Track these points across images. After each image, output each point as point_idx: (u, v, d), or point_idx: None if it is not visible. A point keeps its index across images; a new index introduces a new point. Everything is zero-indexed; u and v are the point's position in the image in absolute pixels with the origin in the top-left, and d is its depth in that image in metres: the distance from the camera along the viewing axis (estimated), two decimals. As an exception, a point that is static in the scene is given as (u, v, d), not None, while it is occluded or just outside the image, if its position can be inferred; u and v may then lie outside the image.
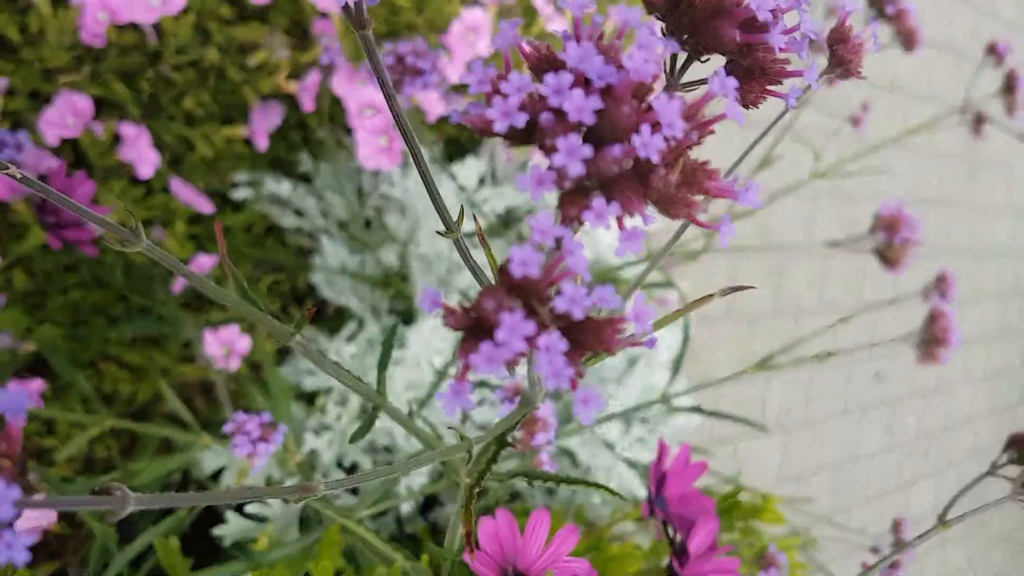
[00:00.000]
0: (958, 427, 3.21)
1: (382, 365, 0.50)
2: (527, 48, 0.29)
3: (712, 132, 0.27)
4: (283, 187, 1.09)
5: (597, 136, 0.26)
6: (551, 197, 0.28)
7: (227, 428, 0.68)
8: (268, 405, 1.02)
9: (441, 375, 0.82)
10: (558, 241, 0.25)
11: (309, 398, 1.09)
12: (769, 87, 0.29)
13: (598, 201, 0.25)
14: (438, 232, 0.40)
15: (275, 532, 0.93)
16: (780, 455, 2.55)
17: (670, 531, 0.67)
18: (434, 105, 1.02)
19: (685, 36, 0.29)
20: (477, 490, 0.41)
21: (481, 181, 1.11)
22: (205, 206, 1.03)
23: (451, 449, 0.39)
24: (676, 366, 0.92)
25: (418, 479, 0.95)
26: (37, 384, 0.98)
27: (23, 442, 0.27)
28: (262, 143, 1.03)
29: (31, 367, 1.01)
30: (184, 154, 1.06)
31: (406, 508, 1.05)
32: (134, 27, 0.96)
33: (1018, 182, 3.36)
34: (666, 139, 0.25)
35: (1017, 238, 3.39)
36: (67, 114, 0.92)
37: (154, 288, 1.06)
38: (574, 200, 0.26)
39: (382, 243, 1.05)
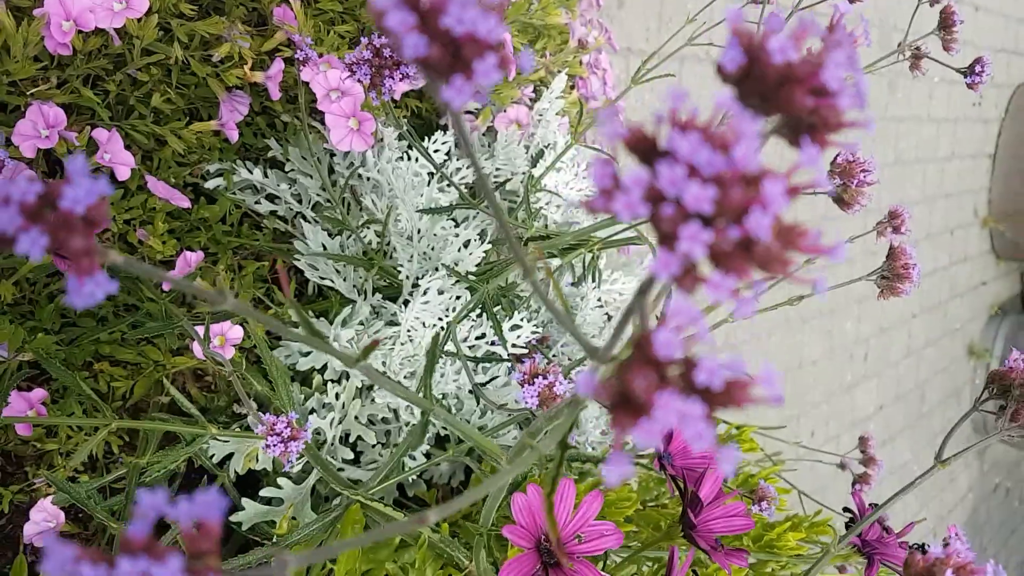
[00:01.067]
0: (894, 328, 3.37)
1: (428, 371, 0.54)
2: (626, 133, 0.32)
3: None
4: (255, 174, 1.10)
5: (708, 216, 0.30)
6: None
7: (259, 430, 0.72)
8: (268, 390, 1.05)
9: (433, 354, 0.86)
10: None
11: (303, 379, 1.13)
12: (828, 137, 0.33)
13: (715, 276, 0.29)
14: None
15: (291, 511, 0.97)
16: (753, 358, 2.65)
17: (679, 483, 0.73)
18: (401, 86, 1.04)
19: (757, 102, 0.32)
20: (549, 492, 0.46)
21: (447, 154, 1.13)
22: (182, 201, 1.04)
23: (522, 460, 0.44)
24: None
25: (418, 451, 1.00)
26: (39, 394, 0.99)
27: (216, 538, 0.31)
28: (233, 135, 1.04)
29: (28, 376, 1.03)
30: (154, 151, 1.06)
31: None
32: (99, 32, 0.95)
33: (937, 91, 3.47)
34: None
35: (938, 145, 3.51)
36: (39, 125, 0.92)
37: (140, 286, 1.07)
38: (691, 274, 0.29)
39: (361, 223, 1.07)
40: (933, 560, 0.47)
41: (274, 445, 0.70)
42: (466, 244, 1.05)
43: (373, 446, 1.06)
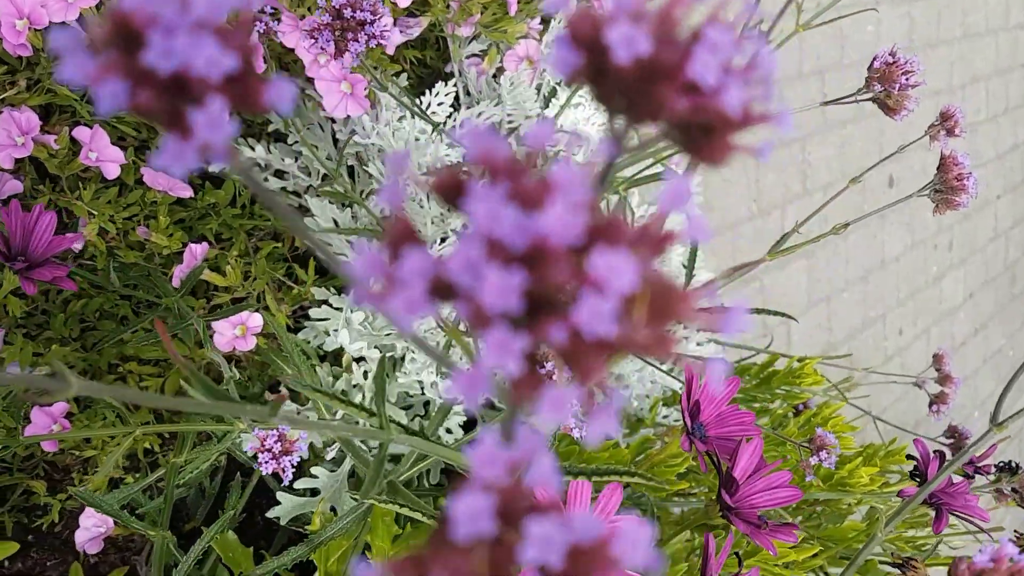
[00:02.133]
0: (975, 212, 3.18)
1: (379, 394, 0.48)
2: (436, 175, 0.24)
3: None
4: (257, 151, 1.05)
5: (532, 300, 0.22)
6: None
7: (249, 448, 0.67)
8: (293, 373, 1.02)
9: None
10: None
11: (335, 359, 1.09)
12: (735, 141, 0.25)
13: (551, 392, 0.22)
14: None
15: (328, 501, 0.94)
16: (807, 279, 2.55)
17: (714, 458, 0.67)
18: (394, 38, 0.96)
19: (623, 105, 0.24)
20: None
21: (455, 105, 1.06)
22: (184, 190, 0.99)
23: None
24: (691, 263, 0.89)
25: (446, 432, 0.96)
26: (60, 407, 0.97)
27: None
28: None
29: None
30: (148, 141, 1.01)
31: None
32: (61, 25, 0.90)
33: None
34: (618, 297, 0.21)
35: (1008, 13, 3.26)
36: (13, 132, 0.88)
37: (154, 281, 1.04)
38: (523, 383, 0.22)
39: (369, 192, 1.01)
40: (980, 569, 0.40)
41: (266, 463, 0.66)
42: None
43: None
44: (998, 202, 3.28)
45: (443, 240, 1.02)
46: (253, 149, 1.05)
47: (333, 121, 1.07)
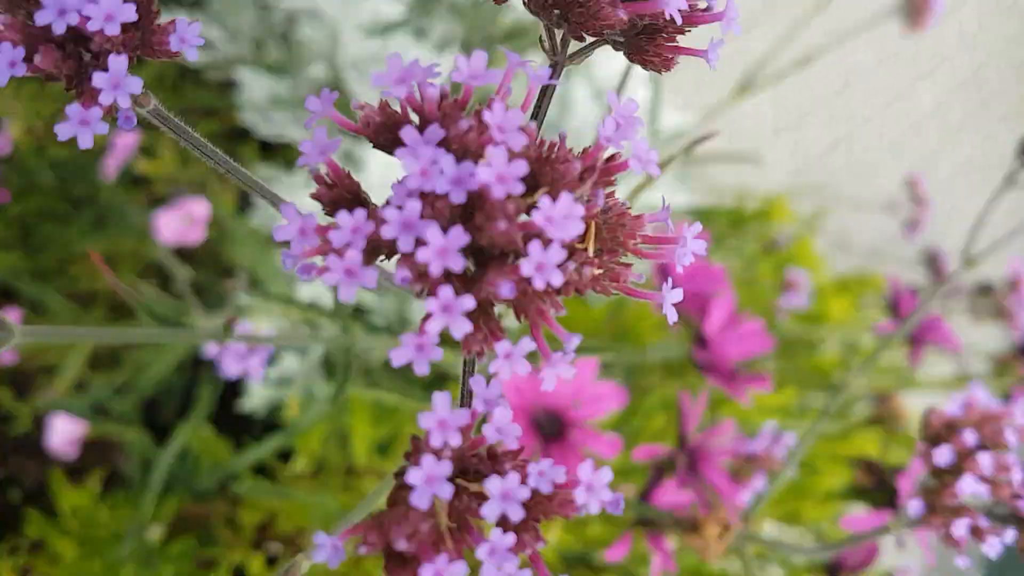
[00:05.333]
0: (944, 19, 3.09)
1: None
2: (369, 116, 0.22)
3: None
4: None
5: (476, 254, 0.20)
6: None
7: (210, 354, 0.65)
8: (248, 261, 0.98)
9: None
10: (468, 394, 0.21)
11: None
12: (681, 44, 0.22)
13: (502, 345, 0.20)
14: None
15: (301, 388, 0.93)
16: (773, 107, 2.49)
17: (687, 318, 0.65)
18: None
19: (556, 14, 0.21)
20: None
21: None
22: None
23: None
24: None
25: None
26: (15, 314, 0.94)
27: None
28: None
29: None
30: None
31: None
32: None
33: None
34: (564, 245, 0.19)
35: None
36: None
37: (89, 175, 0.99)
38: (476, 329, 0.20)
39: (306, 60, 0.95)
40: (951, 418, 0.39)
41: (231, 366, 0.63)
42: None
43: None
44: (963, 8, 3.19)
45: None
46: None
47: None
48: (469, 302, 0.20)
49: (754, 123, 2.33)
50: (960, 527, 0.40)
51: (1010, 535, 0.40)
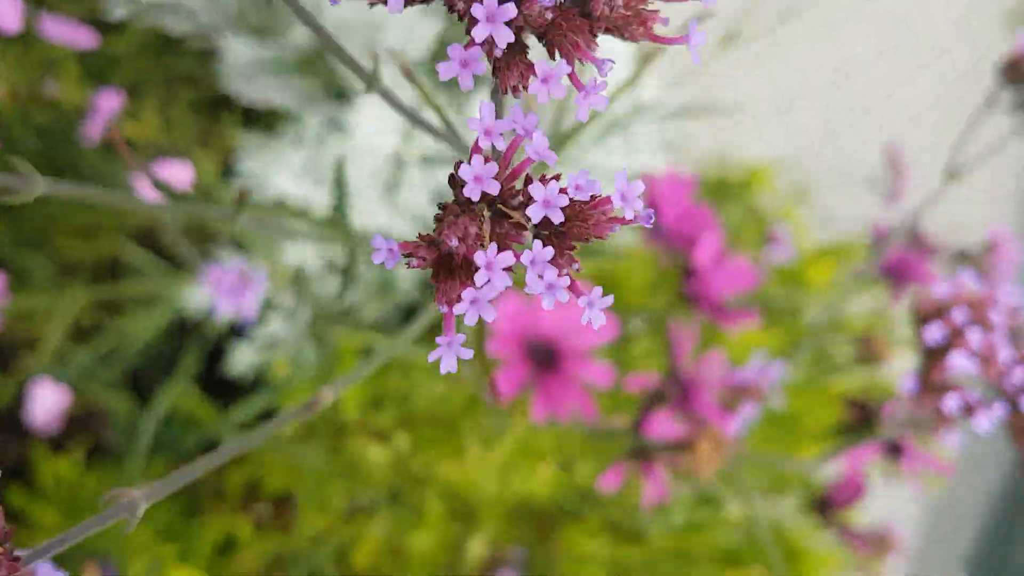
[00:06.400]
0: (943, 11, 3.13)
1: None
2: None
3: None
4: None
5: None
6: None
7: (204, 286, 0.64)
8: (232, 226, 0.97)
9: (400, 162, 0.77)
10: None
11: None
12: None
13: (541, 64, 0.20)
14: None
15: (289, 354, 0.92)
16: (769, 94, 2.50)
17: (677, 257, 0.65)
18: None
19: None
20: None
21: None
22: (88, 39, 0.92)
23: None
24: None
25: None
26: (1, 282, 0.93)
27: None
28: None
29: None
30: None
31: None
32: None
33: None
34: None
35: None
36: None
37: (72, 142, 0.98)
38: (512, 65, 0.20)
39: (288, 23, 0.95)
40: (940, 300, 0.39)
41: (224, 300, 0.63)
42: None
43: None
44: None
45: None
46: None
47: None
48: (511, 9, 0.20)
49: (750, 109, 2.34)
50: (951, 401, 0.40)
51: (999, 409, 0.40)
